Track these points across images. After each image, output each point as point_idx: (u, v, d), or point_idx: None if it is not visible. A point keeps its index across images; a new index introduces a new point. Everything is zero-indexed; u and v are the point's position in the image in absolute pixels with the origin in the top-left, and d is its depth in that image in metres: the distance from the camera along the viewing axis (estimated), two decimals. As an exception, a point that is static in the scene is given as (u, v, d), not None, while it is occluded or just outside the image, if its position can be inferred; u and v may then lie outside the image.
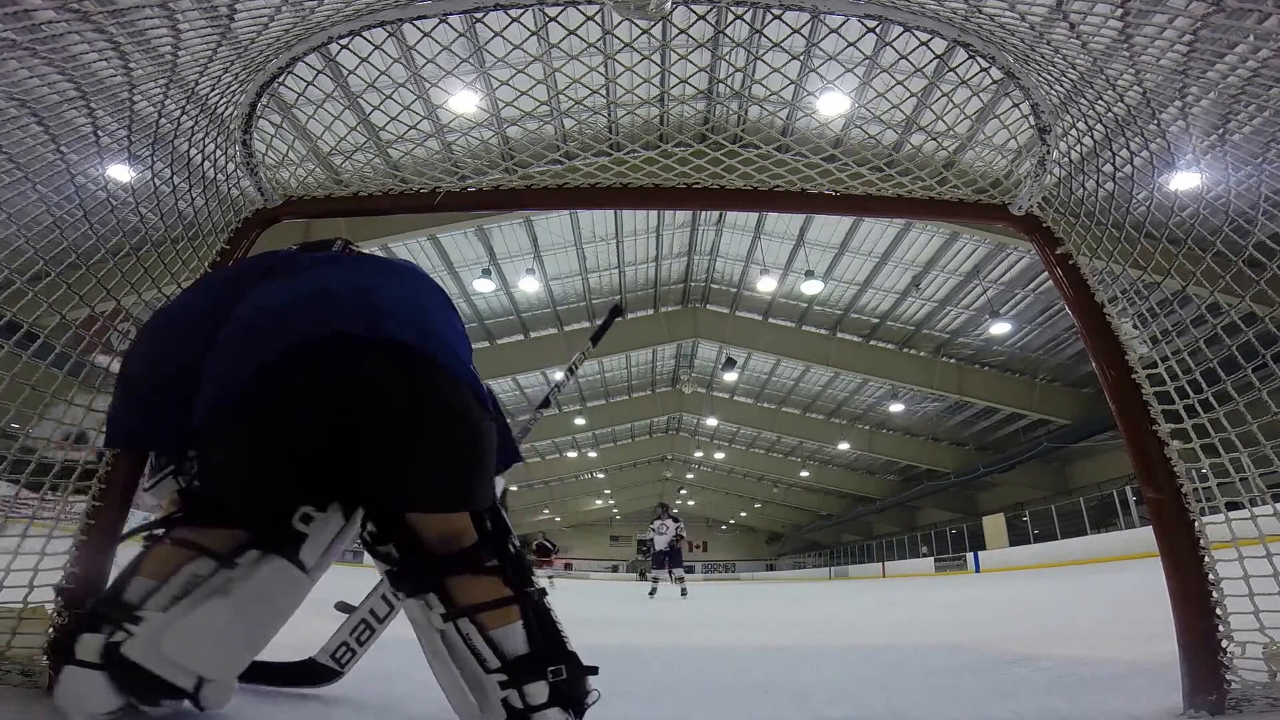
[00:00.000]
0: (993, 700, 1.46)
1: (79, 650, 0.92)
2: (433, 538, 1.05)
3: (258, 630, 1.03)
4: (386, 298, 1.11)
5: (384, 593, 1.48)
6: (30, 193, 1.30)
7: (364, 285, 1.13)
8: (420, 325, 1.09)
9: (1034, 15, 1.25)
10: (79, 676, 0.92)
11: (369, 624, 1.47)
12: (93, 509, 1.28)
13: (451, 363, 1.09)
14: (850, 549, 36.08)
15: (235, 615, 0.97)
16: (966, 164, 2.12)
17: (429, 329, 1.10)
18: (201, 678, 0.96)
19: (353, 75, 1.61)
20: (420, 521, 1.06)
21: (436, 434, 1.02)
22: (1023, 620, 3.80)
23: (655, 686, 1.70)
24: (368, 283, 1.14)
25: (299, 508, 1.06)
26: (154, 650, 0.92)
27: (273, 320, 1.05)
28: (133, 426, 1.19)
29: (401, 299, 1.13)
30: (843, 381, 21.85)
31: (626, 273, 16.43)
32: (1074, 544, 16.32)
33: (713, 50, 2.02)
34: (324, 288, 1.11)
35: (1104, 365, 1.42)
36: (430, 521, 1.06)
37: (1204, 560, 1.21)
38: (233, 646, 1.00)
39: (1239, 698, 1.13)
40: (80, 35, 1.11)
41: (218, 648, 0.98)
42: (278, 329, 1.03)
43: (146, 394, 1.18)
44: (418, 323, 1.09)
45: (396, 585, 1.09)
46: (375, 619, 1.48)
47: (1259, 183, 1.30)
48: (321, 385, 1.01)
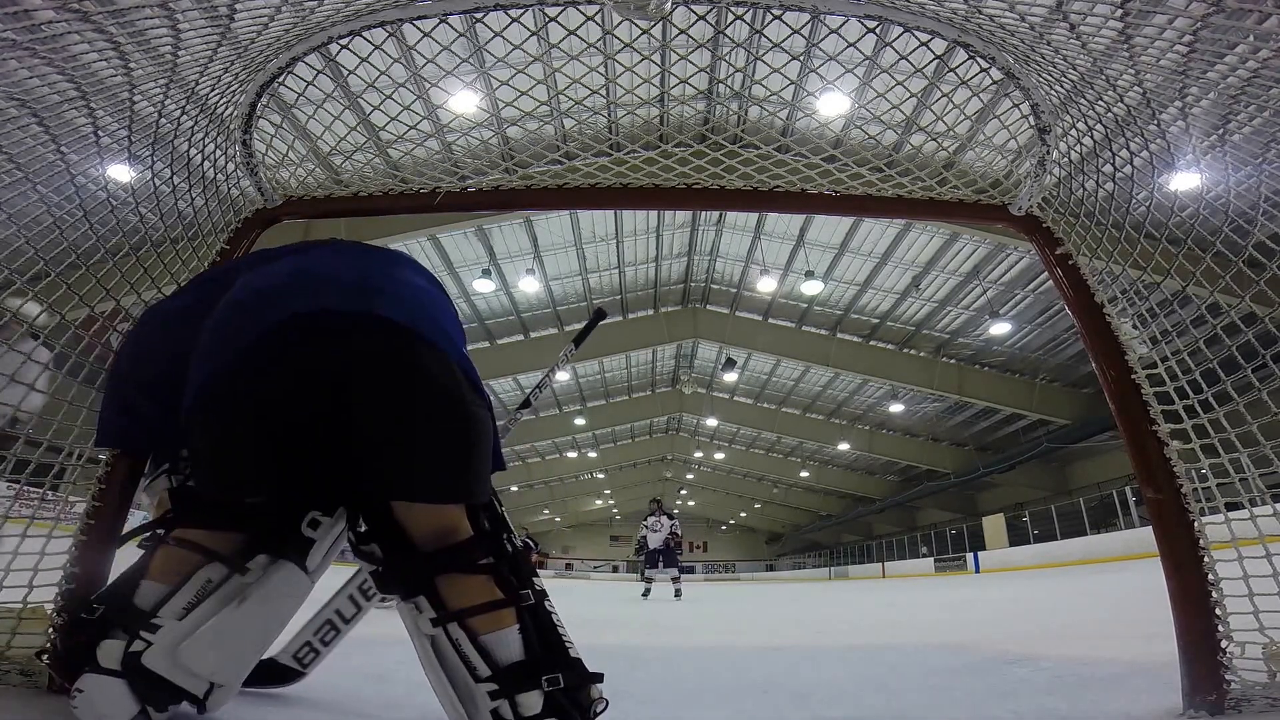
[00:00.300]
0: (993, 700, 1.46)
1: (101, 657, 0.92)
2: (423, 535, 0.98)
3: (267, 635, 1.02)
4: (373, 276, 1.07)
5: (351, 592, 1.45)
6: (31, 193, 1.30)
7: (349, 265, 1.10)
8: (408, 304, 1.04)
9: (1034, 16, 1.25)
10: (102, 684, 0.91)
11: (334, 624, 1.43)
12: (92, 509, 1.28)
13: (443, 342, 1.04)
14: (850, 549, 36.08)
15: (249, 622, 0.97)
16: (966, 164, 2.13)
17: (418, 307, 1.06)
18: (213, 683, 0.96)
19: (353, 75, 1.61)
20: (408, 516, 0.98)
21: (424, 414, 0.97)
22: (1023, 620, 3.80)
23: (655, 686, 1.70)
24: (353, 263, 1.11)
25: (308, 512, 1.05)
26: (172, 660, 0.91)
27: (254, 303, 1.02)
28: (119, 426, 1.19)
29: (389, 279, 1.08)
30: (843, 382, 21.85)
31: (626, 273, 16.43)
32: (1074, 544, 16.32)
33: (713, 50, 2.02)
34: (306, 269, 1.08)
35: (1104, 365, 1.42)
36: (419, 516, 0.98)
37: (1204, 560, 1.21)
38: (245, 652, 0.99)
39: (1238, 698, 1.13)
40: (80, 35, 1.11)
41: (232, 655, 0.97)
42: (257, 311, 1.00)
43: (131, 394, 1.18)
44: (405, 301, 1.04)
45: (384, 588, 1.02)
46: (341, 619, 1.44)
47: (1259, 183, 1.30)
48: (302, 364, 0.97)
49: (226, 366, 0.98)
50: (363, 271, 1.09)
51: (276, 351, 0.97)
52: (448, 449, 0.98)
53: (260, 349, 0.97)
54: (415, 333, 1.01)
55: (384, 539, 1.00)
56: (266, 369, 0.97)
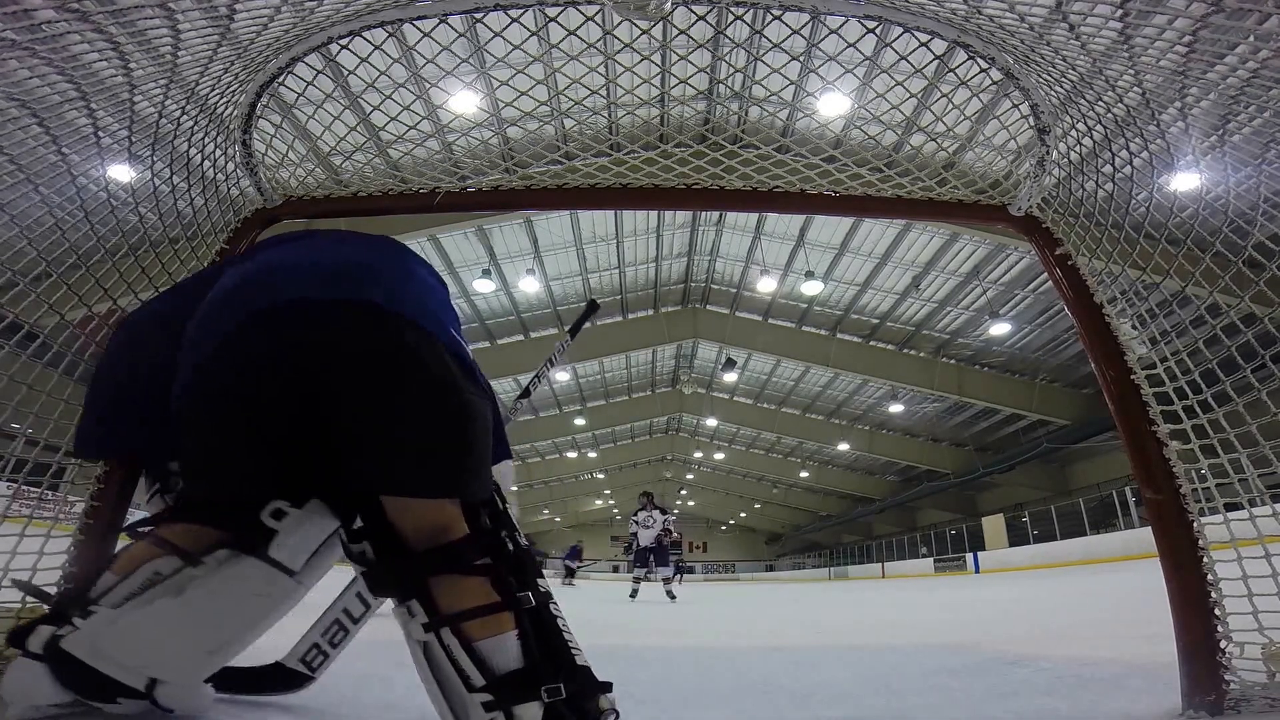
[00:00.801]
0: (993, 701, 1.45)
1: (29, 642, 0.91)
2: (416, 533, 0.91)
3: (217, 632, 0.96)
4: (350, 262, 1.03)
5: (359, 591, 1.40)
6: (33, 194, 1.30)
7: (326, 252, 1.07)
8: (389, 286, 1.00)
9: (1034, 16, 1.25)
10: (23, 667, 0.90)
11: (342, 625, 1.38)
12: (90, 509, 1.28)
13: (428, 324, 0.99)
14: (850, 549, 36.09)
15: (187, 615, 0.92)
16: (966, 165, 2.13)
17: (399, 289, 1.01)
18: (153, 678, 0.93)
19: (353, 75, 1.61)
20: (400, 513, 0.92)
21: (408, 402, 0.91)
22: (1023, 620, 3.80)
23: (655, 686, 1.70)
24: (331, 250, 1.08)
25: (270, 502, 0.99)
26: (93, 646, 0.89)
27: (230, 298, 1.00)
28: (96, 435, 1.19)
29: (369, 263, 1.04)
30: (842, 382, 21.86)
31: (626, 273, 16.44)
32: (1074, 544, 16.34)
33: (713, 51, 2.02)
34: (280, 260, 1.05)
35: (1103, 366, 1.42)
36: (411, 513, 0.92)
37: (1203, 561, 1.21)
38: (183, 645, 0.95)
39: (1238, 698, 1.13)
40: (80, 35, 1.11)
41: (163, 648, 0.93)
42: (232, 306, 0.98)
43: (107, 403, 1.17)
44: (385, 283, 1.00)
45: (375, 590, 0.97)
46: (349, 619, 1.39)
47: (1258, 183, 1.30)
48: (276, 356, 0.93)
49: (200, 368, 0.97)
50: (334, 256, 1.05)
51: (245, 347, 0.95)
52: (436, 439, 0.92)
53: (228, 347, 0.95)
54: (394, 313, 0.96)
55: (375, 537, 0.94)
56: (233, 368, 0.95)
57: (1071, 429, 19.36)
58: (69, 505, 1.38)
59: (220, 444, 0.97)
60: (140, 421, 1.12)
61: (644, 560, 9.50)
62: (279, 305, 0.95)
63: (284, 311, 0.95)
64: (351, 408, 0.91)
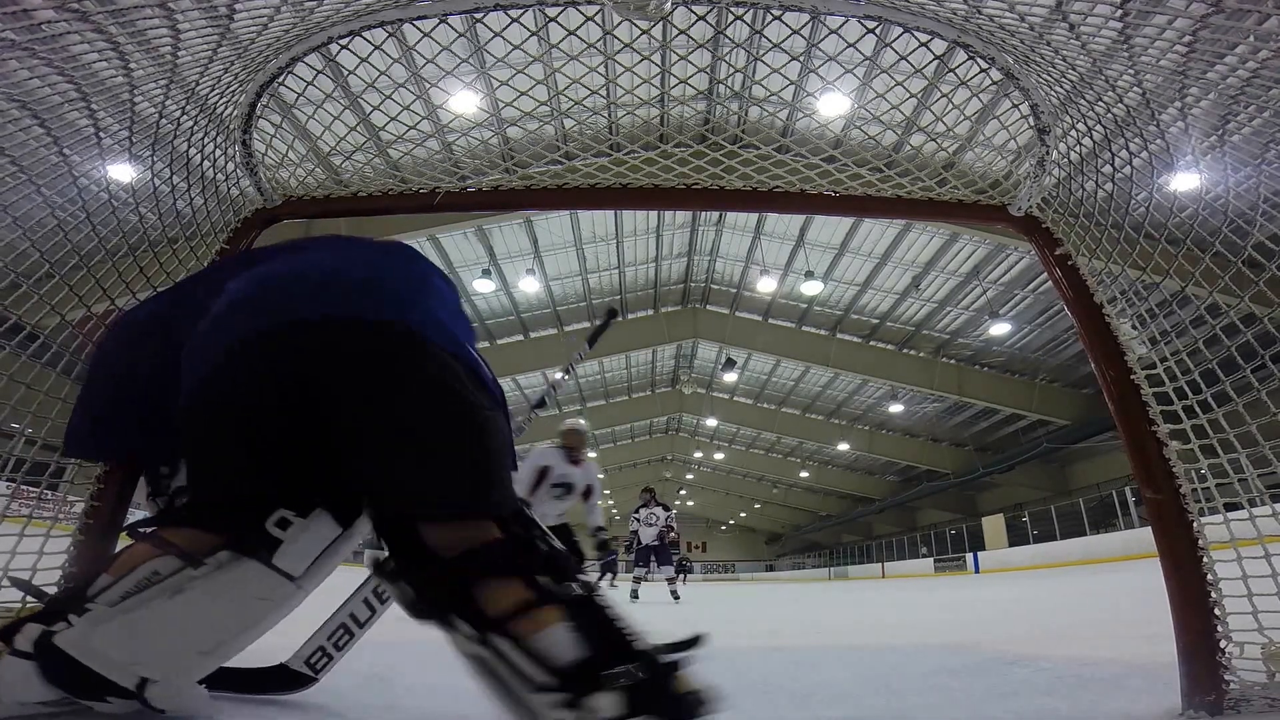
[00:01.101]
0: (993, 701, 1.45)
1: (18, 640, 0.91)
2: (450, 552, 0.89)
3: (213, 633, 0.97)
4: (359, 276, 1.03)
5: (365, 595, 1.43)
6: (34, 195, 1.30)
7: (338, 264, 1.06)
8: (402, 301, 1.00)
9: (1034, 16, 1.25)
10: (9, 665, 0.90)
11: (348, 628, 1.40)
12: (90, 509, 1.28)
13: (441, 339, 0.99)
14: (850, 549, 36.10)
15: (184, 615, 0.92)
16: (966, 165, 2.12)
17: (411, 303, 1.01)
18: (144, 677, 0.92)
19: (353, 75, 1.61)
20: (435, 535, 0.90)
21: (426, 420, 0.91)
22: (1023, 620, 3.80)
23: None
24: (343, 261, 1.08)
25: (275, 511, 1.00)
26: (85, 643, 0.89)
27: (239, 310, 1.00)
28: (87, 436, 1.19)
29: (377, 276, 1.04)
30: (842, 382, 21.86)
31: (626, 273, 16.44)
32: (1073, 544, 16.35)
33: (713, 51, 2.02)
34: (293, 271, 1.05)
35: (1103, 366, 1.42)
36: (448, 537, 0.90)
37: (1203, 561, 1.21)
38: (177, 645, 0.95)
39: (1237, 698, 1.13)
40: (80, 36, 1.11)
41: (157, 646, 0.93)
42: (240, 318, 0.98)
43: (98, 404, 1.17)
44: (398, 298, 1.00)
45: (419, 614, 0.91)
46: (355, 623, 1.41)
47: (1258, 183, 1.30)
48: (281, 374, 0.94)
49: (205, 378, 0.97)
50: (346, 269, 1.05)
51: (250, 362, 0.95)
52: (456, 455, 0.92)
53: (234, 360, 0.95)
54: (405, 331, 0.96)
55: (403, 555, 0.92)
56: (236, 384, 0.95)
57: (1071, 429, 19.36)
58: (68, 505, 1.39)
59: (226, 459, 0.98)
60: (138, 423, 1.13)
61: (645, 559, 9.20)
62: (283, 325, 0.96)
63: (291, 331, 0.95)
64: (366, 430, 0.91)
